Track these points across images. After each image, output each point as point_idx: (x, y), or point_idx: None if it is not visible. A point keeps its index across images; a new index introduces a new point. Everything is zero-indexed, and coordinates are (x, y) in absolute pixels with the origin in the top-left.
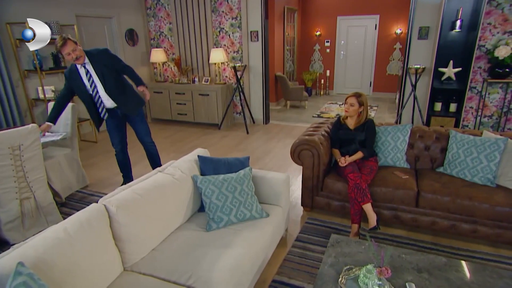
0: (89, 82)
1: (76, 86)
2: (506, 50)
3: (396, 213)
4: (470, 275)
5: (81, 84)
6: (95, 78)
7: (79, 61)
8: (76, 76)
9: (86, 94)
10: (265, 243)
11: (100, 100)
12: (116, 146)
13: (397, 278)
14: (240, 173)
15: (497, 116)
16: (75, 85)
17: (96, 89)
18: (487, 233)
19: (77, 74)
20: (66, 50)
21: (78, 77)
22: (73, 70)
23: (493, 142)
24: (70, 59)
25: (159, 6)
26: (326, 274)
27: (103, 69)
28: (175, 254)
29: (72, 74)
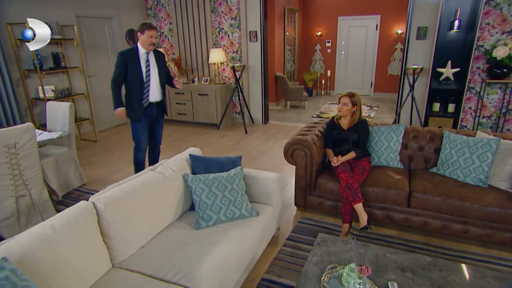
0: (146, 69)
1: (132, 68)
2: (504, 50)
3: (388, 213)
4: (453, 274)
5: (138, 68)
6: (152, 68)
7: (151, 47)
8: (135, 59)
9: (137, 79)
10: (254, 242)
11: (149, 89)
12: (143, 146)
13: (380, 277)
14: (231, 172)
15: (496, 116)
16: (132, 66)
17: (149, 77)
18: (478, 234)
19: (137, 57)
20: (153, 33)
21: (137, 61)
22: (134, 53)
23: (485, 142)
24: (149, 42)
25: (160, 6)
26: (310, 272)
27: (160, 65)
28: (164, 251)
29: (132, 55)
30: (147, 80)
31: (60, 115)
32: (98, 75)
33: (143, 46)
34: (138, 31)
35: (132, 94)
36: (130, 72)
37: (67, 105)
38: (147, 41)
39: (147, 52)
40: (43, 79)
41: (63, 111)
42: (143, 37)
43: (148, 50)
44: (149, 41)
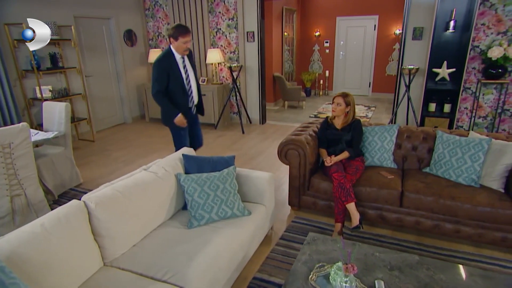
0: (185, 74)
1: (174, 74)
2: (499, 51)
3: (381, 213)
4: (440, 273)
5: (179, 73)
6: (189, 71)
7: (186, 53)
8: (175, 65)
9: (180, 84)
10: (245, 241)
11: (191, 91)
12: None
13: (367, 276)
14: (224, 172)
15: (492, 117)
16: (174, 73)
17: (189, 81)
18: (469, 233)
19: (176, 63)
20: (189, 37)
21: (177, 66)
22: (172, 59)
23: (477, 142)
24: (184, 48)
25: (157, 7)
26: (298, 271)
27: (193, 65)
28: (155, 250)
29: (172, 62)
30: (188, 84)
31: (56, 115)
32: (96, 76)
33: (178, 51)
34: (171, 36)
35: (175, 101)
36: (172, 80)
37: (63, 105)
38: (181, 47)
39: (183, 56)
40: (41, 79)
41: (59, 111)
42: (177, 43)
43: (183, 55)
44: (183, 47)
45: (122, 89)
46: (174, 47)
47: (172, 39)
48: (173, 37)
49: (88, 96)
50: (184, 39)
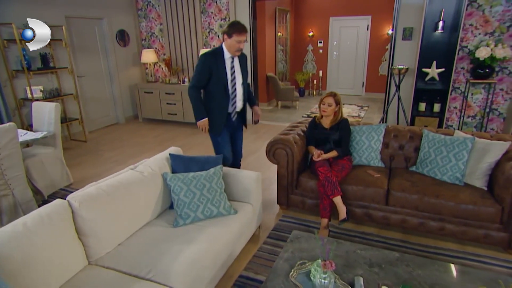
0: (231, 75)
1: (217, 74)
2: (486, 51)
3: (367, 211)
4: (418, 269)
5: (224, 73)
6: (237, 74)
7: (238, 52)
8: (221, 64)
9: (223, 85)
10: (231, 239)
11: (235, 95)
12: (229, 159)
13: (348, 272)
14: (210, 171)
15: (480, 116)
16: (217, 72)
17: (235, 84)
18: (453, 231)
19: (223, 62)
20: (243, 37)
21: (223, 66)
22: (220, 57)
23: (461, 141)
24: (236, 48)
25: (150, 7)
26: (280, 268)
27: (243, 70)
28: (140, 249)
29: (219, 60)
30: (233, 88)
31: (46, 115)
32: (88, 76)
33: (229, 50)
34: (225, 33)
35: (214, 103)
36: (214, 78)
37: (52, 105)
38: (234, 46)
39: (232, 56)
40: (31, 80)
41: (49, 111)
42: (229, 41)
43: (234, 56)
44: (236, 46)
45: (115, 89)
46: (226, 45)
47: (225, 35)
48: (227, 34)
49: (80, 97)
50: (239, 37)
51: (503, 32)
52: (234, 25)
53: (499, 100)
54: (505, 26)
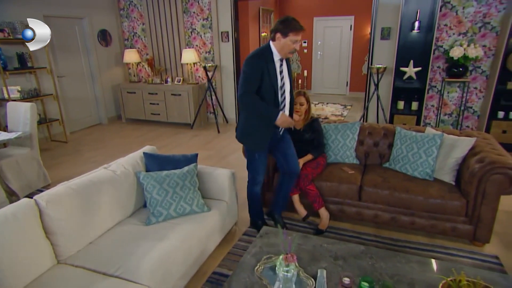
0: (280, 81)
1: (268, 78)
2: (459, 50)
3: (341, 207)
4: (381, 261)
5: (275, 78)
6: (286, 80)
7: (292, 54)
8: (272, 67)
9: (274, 92)
10: (203, 236)
11: (284, 105)
12: (262, 177)
13: (312, 266)
14: (184, 169)
15: (456, 114)
16: (269, 77)
17: (284, 92)
18: (423, 225)
19: (273, 65)
20: (300, 36)
21: (274, 69)
22: (270, 59)
23: (431, 137)
24: (292, 48)
25: (132, 6)
26: (247, 263)
27: (290, 74)
28: (110, 247)
29: (269, 62)
30: (283, 97)
31: (22, 115)
32: (69, 76)
33: (281, 51)
34: (278, 31)
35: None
36: (265, 84)
37: (28, 105)
38: (288, 47)
39: (281, 59)
40: (7, 80)
41: (24, 111)
42: (284, 41)
43: (285, 57)
44: (291, 47)
45: (97, 90)
46: (277, 45)
47: (279, 34)
48: (282, 33)
49: (61, 97)
50: (295, 37)
51: (475, 32)
52: (290, 22)
53: (473, 98)
54: (477, 26)
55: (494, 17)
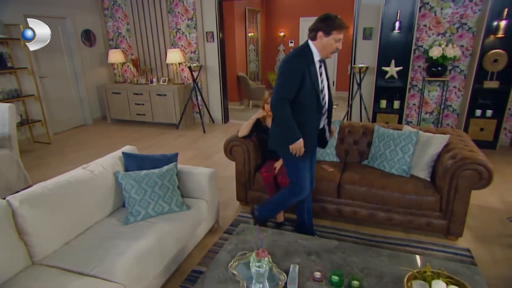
0: (321, 83)
1: (310, 82)
2: (438, 50)
3: (321, 204)
4: (353, 256)
5: (317, 80)
6: (325, 81)
7: (332, 54)
8: (314, 68)
9: (315, 95)
10: (182, 235)
11: (325, 109)
12: (308, 188)
13: (286, 261)
14: (163, 169)
15: (437, 112)
16: (310, 79)
17: (324, 95)
18: (400, 220)
19: (314, 67)
20: (342, 35)
21: (315, 71)
22: (310, 60)
23: (407, 135)
24: (334, 48)
25: (116, 6)
26: (222, 260)
27: (328, 77)
28: (87, 247)
29: (310, 64)
30: (324, 101)
31: (0, 116)
32: (52, 76)
33: (322, 51)
34: (319, 30)
35: (305, 119)
36: (305, 89)
37: (6, 106)
38: (331, 47)
39: (321, 60)
40: None
41: (2, 112)
42: (326, 40)
43: (326, 58)
44: (334, 47)
45: (81, 90)
46: (318, 45)
47: (321, 33)
48: (324, 31)
49: (44, 97)
50: (339, 35)
51: (453, 33)
52: (334, 20)
53: (453, 97)
54: (454, 27)
55: (471, 18)
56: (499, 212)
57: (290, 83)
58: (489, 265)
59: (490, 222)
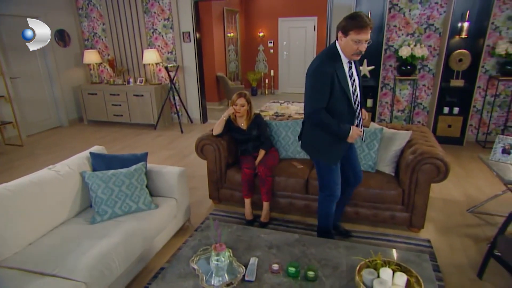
0: (352, 87)
1: (340, 86)
2: (407, 50)
3: (290, 200)
4: (312, 248)
5: (346, 84)
6: (356, 83)
7: (358, 56)
8: (342, 73)
9: (346, 99)
10: (149, 233)
11: (358, 112)
12: (338, 188)
13: (247, 255)
14: (131, 168)
15: (408, 110)
16: (340, 83)
17: (357, 97)
18: (366, 214)
19: (343, 70)
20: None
21: (344, 74)
22: (339, 64)
23: (372, 132)
24: (355, 50)
25: (91, 6)
26: (184, 255)
27: (359, 77)
28: (50, 247)
29: (338, 67)
30: (356, 104)
31: None
32: (24, 77)
33: (345, 52)
34: (339, 30)
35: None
36: (336, 94)
37: None
38: (351, 48)
39: (350, 61)
40: None
41: None
42: (345, 40)
43: (351, 59)
44: (354, 48)
45: (56, 91)
46: (341, 45)
47: (340, 33)
48: (343, 31)
49: (16, 99)
50: (358, 36)
51: (422, 33)
52: (354, 18)
53: (423, 95)
54: (422, 28)
55: (437, 19)
56: (461, 204)
57: (320, 94)
58: (446, 254)
59: (451, 214)
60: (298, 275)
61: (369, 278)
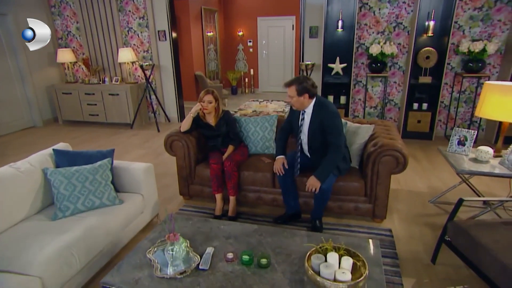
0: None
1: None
2: (377, 48)
3: (259, 194)
4: (269, 237)
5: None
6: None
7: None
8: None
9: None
10: (113, 228)
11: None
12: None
13: (204, 245)
14: (96, 164)
15: (381, 106)
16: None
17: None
18: (332, 206)
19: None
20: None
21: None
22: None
23: None
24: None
25: (64, 4)
26: (142, 247)
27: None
28: (7, 244)
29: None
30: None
31: None
32: None
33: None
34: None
35: None
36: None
37: None
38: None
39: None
40: None
41: None
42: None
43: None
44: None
45: (28, 91)
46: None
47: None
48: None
49: None
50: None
51: (391, 31)
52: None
53: (394, 91)
54: (391, 26)
55: (405, 18)
56: (424, 195)
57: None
58: (405, 241)
59: (414, 205)
60: (251, 263)
61: (317, 262)
